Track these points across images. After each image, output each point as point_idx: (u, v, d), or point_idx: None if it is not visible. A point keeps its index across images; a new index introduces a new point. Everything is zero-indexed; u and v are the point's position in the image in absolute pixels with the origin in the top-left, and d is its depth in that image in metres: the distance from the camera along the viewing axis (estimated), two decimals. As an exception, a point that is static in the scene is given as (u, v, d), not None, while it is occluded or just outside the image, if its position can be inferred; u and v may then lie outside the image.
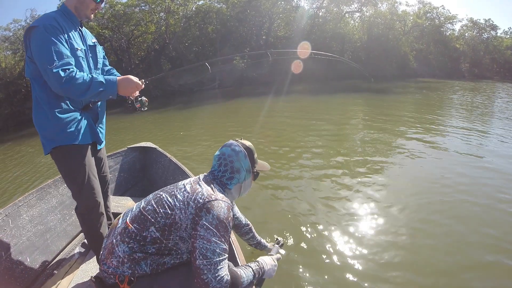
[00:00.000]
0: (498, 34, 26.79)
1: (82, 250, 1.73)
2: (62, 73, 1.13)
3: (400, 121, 6.37)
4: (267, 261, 1.29)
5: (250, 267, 1.19)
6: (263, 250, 1.79)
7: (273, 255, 1.63)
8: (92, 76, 1.21)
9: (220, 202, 1.06)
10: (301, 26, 16.25)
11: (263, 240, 1.75)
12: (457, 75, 20.62)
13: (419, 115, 7.02)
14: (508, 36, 28.11)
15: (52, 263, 1.62)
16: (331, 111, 8.06)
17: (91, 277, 1.09)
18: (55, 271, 1.56)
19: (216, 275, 0.97)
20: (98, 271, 1.51)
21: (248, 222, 1.65)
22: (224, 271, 1.00)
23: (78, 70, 1.20)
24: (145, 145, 2.68)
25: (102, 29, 15.02)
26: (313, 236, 2.15)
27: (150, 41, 16.94)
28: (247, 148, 1.24)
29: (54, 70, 1.12)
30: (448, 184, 3.00)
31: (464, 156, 3.90)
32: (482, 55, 24.55)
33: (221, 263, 1.00)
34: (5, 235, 1.48)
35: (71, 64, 1.18)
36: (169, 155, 2.49)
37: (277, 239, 1.97)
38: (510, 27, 37.51)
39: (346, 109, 8.53)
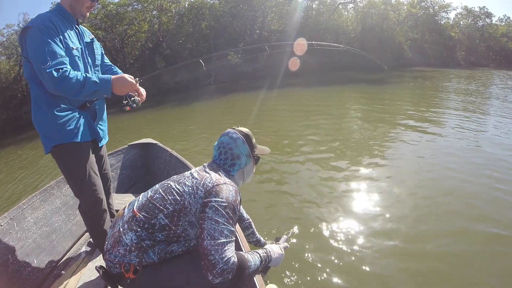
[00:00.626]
0: (493, 22, 26.69)
1: (88, 249, 1.74)
2: (55, 73, 1.13)
3: (395, 107, 6.51)
4: (275, 249, 1.28)
5: (258, 253, 1.18)
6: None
7: (280, 244, 1.61)
8: (86, 75, 1.21)
9: (229, 186, 1.08)
10: (295, 19, 16.17)
11: (262, 239, 1.73)
12: (453, 64, 20.59)
13: (414, 102, 7.15)
14: (503, 24, 28.00)
15: (59, 263, 1.63)
16: (328, 101, 8.16)
17: (96, 266, 1.08)
18: (63, 271, 1.57)
19: (223, 255, 0.97)
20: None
21: (248, 217, 1.66)
22: (231, 252, 1.00)
23: (72, 70, 1.19)
24: (145, 142, 2.69)
25: (95, 29, 14.92)
26: (316, 225, 2.19)
27: (144, 40, 16.86)
28: (244, 134, 1.26)
29: (48, 70, 1.13)
30: (441, 163, 3.16)
31: (459, 137, 4.05)
32: (477, 43, 24.49)
33: (228, 244, 1.00)
34: (11, 238, 1.49)
35: (65, 64, 1.18)
36: (170, 150, 2.49)
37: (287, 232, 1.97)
38: (505, 15, 37.31)
39: (343, 98, 8.66)
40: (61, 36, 1.22)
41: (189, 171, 1.18)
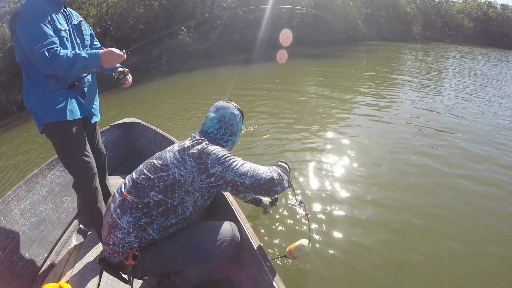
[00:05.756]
0: (450, -1, 27.68)
1: (79, 236, 1.74)
2: (47, 53, 1.20)
3: (351, 80, 6.86)
4: (282, 165, 1.29)
5: (273, 166, 1.22)
6: (259, 205, 1.91)
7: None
8: (75, 52, 1.28)
9: (214, 146, 1.08)
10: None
11: (257, 196, 1.79)
12: (409, 38, 21.20)
13: (366, 74, 7.62)
14: (460, 1, 29.10)
15: (52, 253, 1.60)
16: (284, 76, 8.19)
17: (97, 260, 1.10)
18: (56, 261, 1.55)
19: (266, 177, 1.06)
20: (97, 254, 1.57)
21: None
22: (264, 171, 1.07)
23: (62, 48, 1.26)
24: (128, 121, 2.63)
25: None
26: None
27: (92, 25, 16.18)
28: (241, 111, 1.25)
29: (40, 51, 1.19)
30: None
31: (415, 105, 4.71)
32: (433, 19, 25.31)
33: (258, 168, 1.07)
34: (0, 234, 1.43)
35: (56, 43, 1.26)
36: (154, 127, 2.46)
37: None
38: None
39: (298, 73, 8.70)
40: (49, 18, 1.29)
41: (172, 145, 1.17)
